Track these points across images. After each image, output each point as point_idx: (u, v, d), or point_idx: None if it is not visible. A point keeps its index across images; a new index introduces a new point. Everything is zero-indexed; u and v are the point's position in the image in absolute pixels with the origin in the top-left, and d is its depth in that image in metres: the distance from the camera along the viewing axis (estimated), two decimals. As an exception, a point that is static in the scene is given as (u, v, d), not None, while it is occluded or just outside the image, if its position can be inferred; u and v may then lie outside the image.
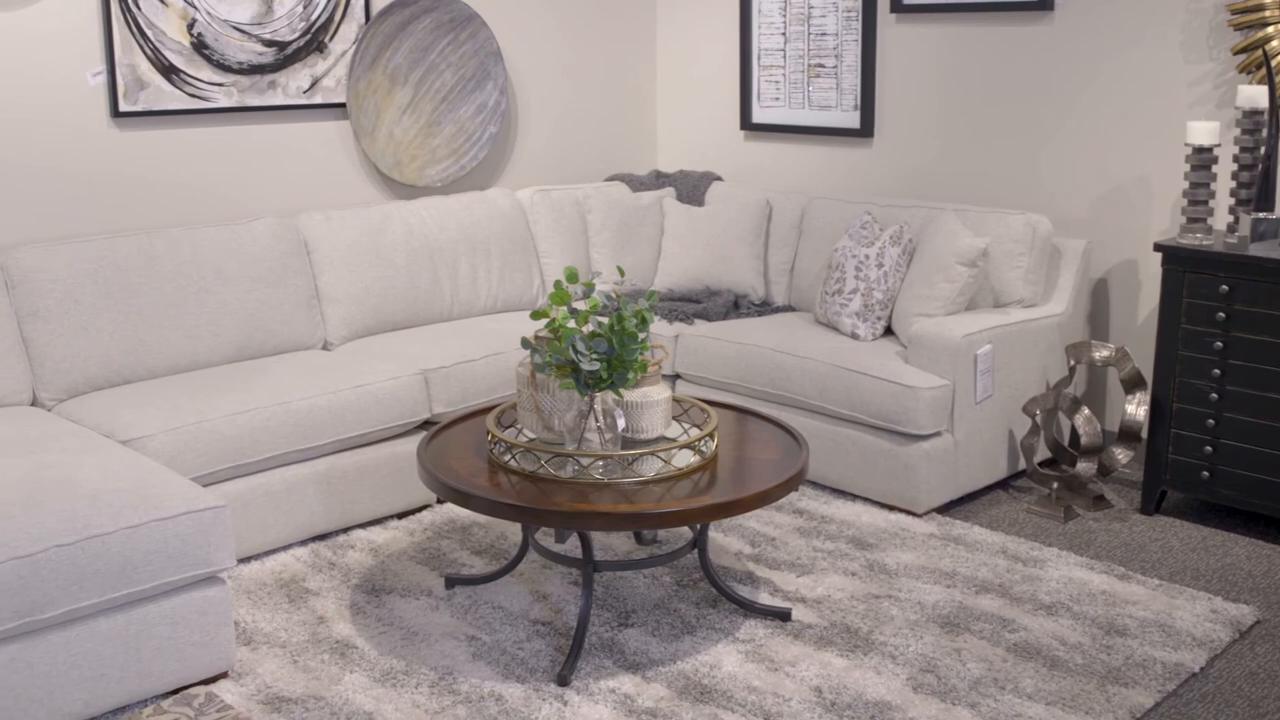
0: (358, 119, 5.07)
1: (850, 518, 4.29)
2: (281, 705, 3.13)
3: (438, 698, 3.15)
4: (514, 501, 3.13)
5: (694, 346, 4.86)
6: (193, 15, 4.59)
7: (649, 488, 3.22)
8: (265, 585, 3.81)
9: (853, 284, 4.62)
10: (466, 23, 5.32)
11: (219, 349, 4.39)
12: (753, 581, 3.80)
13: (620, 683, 3.22)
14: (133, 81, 4.49)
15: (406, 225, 4.95)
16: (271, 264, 4.55)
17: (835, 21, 5.43)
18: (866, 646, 3.39)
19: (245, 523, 3.93)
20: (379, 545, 4.09)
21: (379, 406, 4.18)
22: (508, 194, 5.36)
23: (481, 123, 5.42)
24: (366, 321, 4.77)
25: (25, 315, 4.05)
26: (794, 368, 4.49)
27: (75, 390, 4.10)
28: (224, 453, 3.85)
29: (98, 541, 2.95)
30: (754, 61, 5.78)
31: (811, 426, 4.51)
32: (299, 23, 4.88)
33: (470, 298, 5.08)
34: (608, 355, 3.21)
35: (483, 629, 3.51)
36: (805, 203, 5.29)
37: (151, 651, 3.10)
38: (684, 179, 5.77)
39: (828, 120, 5.54)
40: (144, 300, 4.24)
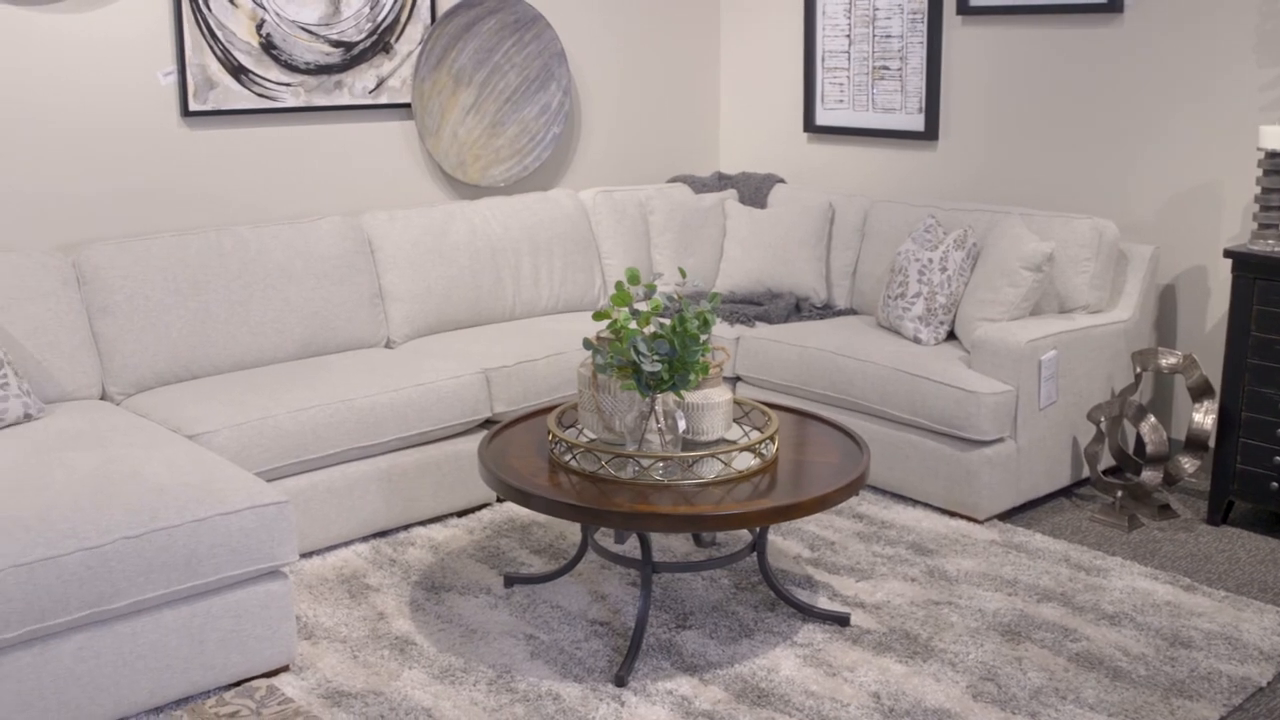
0: (422, 119, 5.11)
1: (911, 523, 4.26)
2: (341, 700, 3.16)
3: (495, 695, 3.17)
4: (574, 501, 3.14)
5: (755, 349, 4.85)
6: (262, 16, 4.65)
7: (709, 490, 3.22)
8: (326, 580, 3.84)
9: (915, 288, 4.59)
10: (531, 24, 5.34)
11: (284, 346, 4.44)
12: (811, 585, 3.78)
13: (677, 684, 3.22)
14: (203, 81, 4.55)
15: (470, 225, 4.98)
16: (336, 262, 4.59)
17: (900, 23, 5.40)
18: (926, 653, 3.37)
19: (308, 518, 3.97)
20: (439, 543, 4.12)
21: (441, 405, 4.21)
22: (570, 195, 5.38)
23: (545, 123, 5.44)
24: (429, 320, 4.80)
25: (96, 311, 4.11)
26: (855, 371, 4.47)
27: (143, 385, 4.16)
28: (287, 449, 3.89)
29: (164, 534, 3.00)
30: (818, 63, 5.75)
31: (872, 431, 4.48)
32: (365, 24, 4.92)
33: (532, 298, 5.10)
34: (669, 357, 3.21)
35: (541, 628, 3.52)
36: (868, 206, 5.27)
37: (215, 643, 3.13)
38: (746, 181, 5.76)
39: (892, 123, 5.51)
40: (211, 297, 4.29)
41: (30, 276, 3.97)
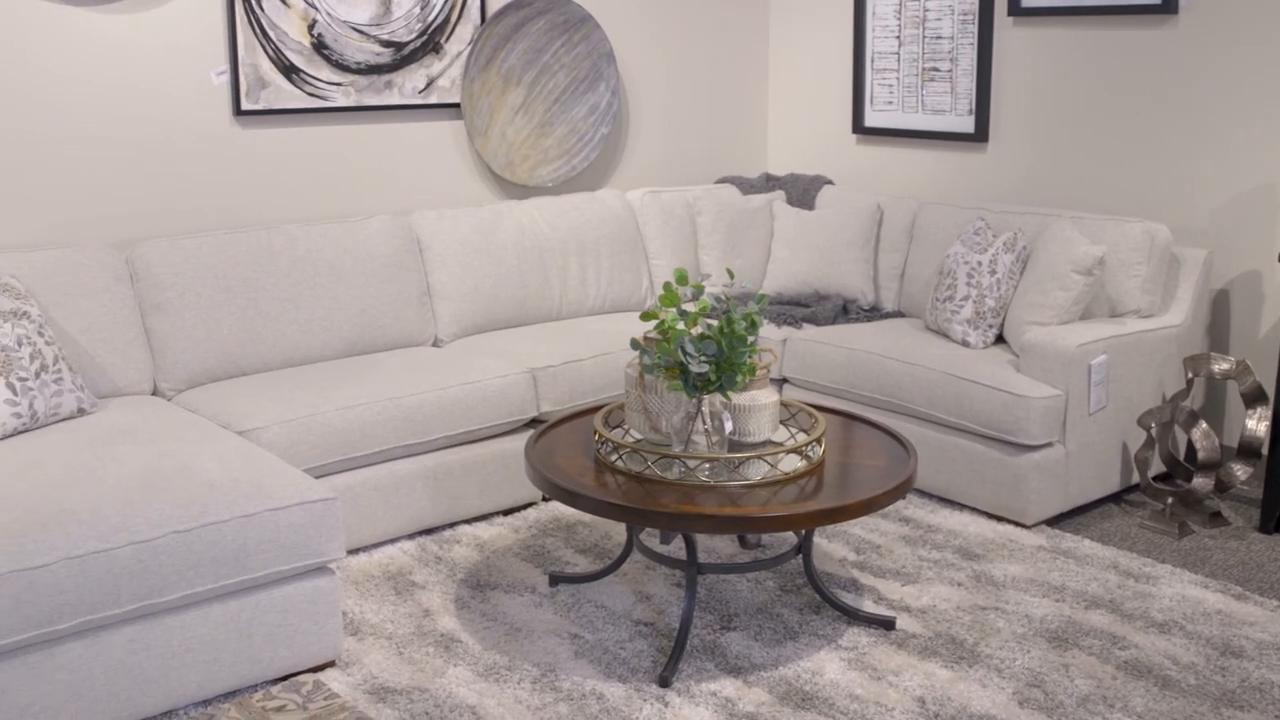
0: (471, 119, 5.13)
1: (957, 527, 4.23)
2: (386, 696, 3.17)
3: (539, 694, 3.18)
4: (620, 501, 3.14)
5: (802, 351, 4.83)
6: (313, 16, 4.68)
7: (755, 491, 3.21)
8: (373, 577, 3.86)
9: (964, 291, 4.56)
10: (580, 24, 5.35)
11: (332, 343, 4.47)
12: (857, 589, 3.77)
13: (721, 686, 3.21)
14: (255, 81, 4.59)
15: (518, 224, 5.00)
16: (385, 261, 4.62)
17: (951, 24, 5.36)
18: (972, 658, 3.34)
19: (355, 515, 3.99)
20: (484, 541, 4.13)
21: (487, 404, 4.22)
22: (618, 195, 5.39)
23: (593, 124, 5.44)
24: (476, 319, 4.82)
25: (148, 308, 4.16)
26: (903, 374, 4.45)
27: (194, 381, 4.20)
28: (335, 445, 3.92)
29: (214, 529, 3.02)
30: (867, 64, 5.73)
31: (919, 434, 4.46)
32: (416, 24, 4.95)
33: (579, 297, 5.11)
34: (716, 358, 3.20)
35: (585, 627, 3.52)
36: (917, 208, 5.24)
37: (262, 638, 3.16)
38: (794, 182, 5.75)
39: (941, 124, 5.48)
40: (261, 294, 4.33)
41: (84, 273, 4.02)
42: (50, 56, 4.18)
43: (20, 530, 2.85)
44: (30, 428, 3.60)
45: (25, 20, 4.12)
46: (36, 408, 3.59)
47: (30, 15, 4.12)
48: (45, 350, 3.66)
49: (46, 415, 3.63)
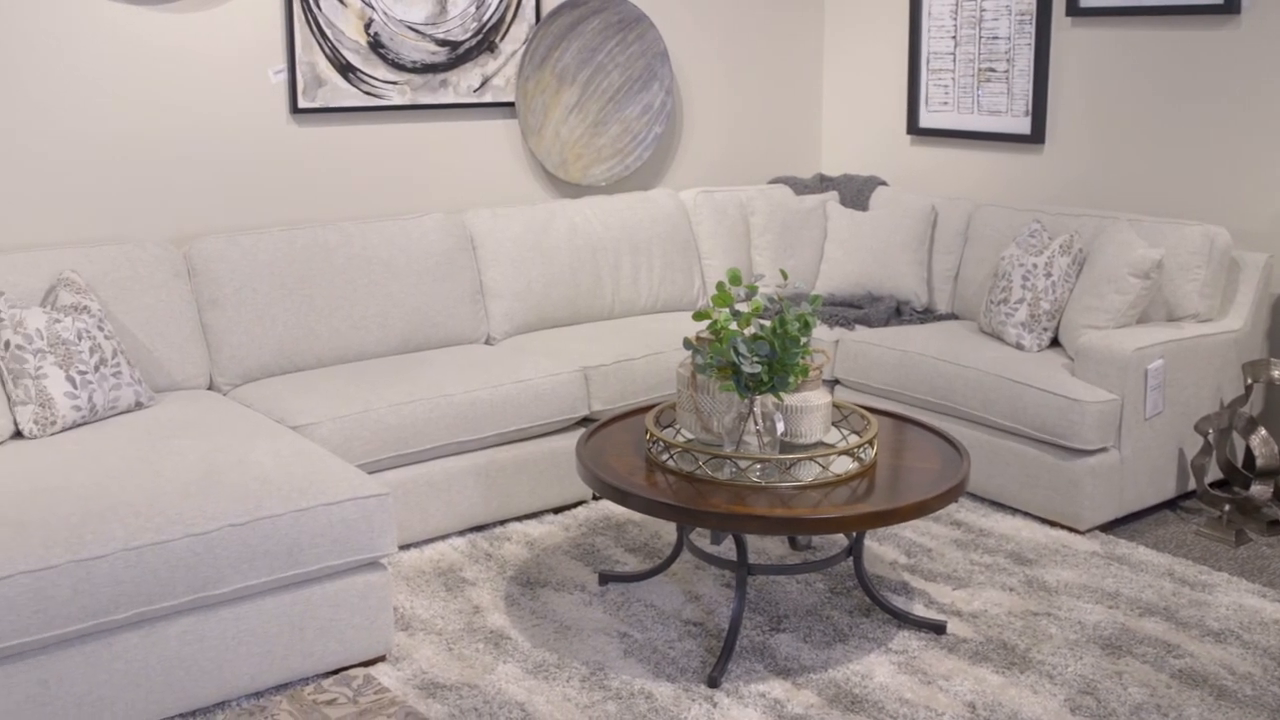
0: (525, 118, 5.15)
1: (1010, 532, 4.20)
2: (436, 691, 3.19)
3: (588, 692, 3.18)
4: (670, 501, 3.14)
5: (854, 352, 4.81)
6: (370, 15, 4.72)
7: (806, 493, 3.20)
8: (424, 573, 3.89)
9: (1019, 293, 4.53)
10: (635, 23, 5.35)
11: (385, 340, 4.50)
12: (907, 592, 3.75)
13: (770, 687, 3.21)
14: (312, 79, 4.63)
15: (570, 223, 5.01)
16: (438, 259, 4.64)
17: (1008, 25, 5.32)
18: (1023, 664, 3.32)
19: (406, 511, 4.02)
20: (535, 539, 4.15)
21: (539, 402, 4.23)
22: (671, 194, 5.39)
23: (647, 123, 5.45)
24: (528, 317, 4.84)
25: (205, 303, 4.20)
26: (956, 377, 4.42)
27: (249, 376, 4.24)
28: (388, 442, 3.94)
29: (268, 523, 3.05)
30: (923, 65, 5.70)
31: (972, 437, 4.43)
32: (471, 23, 4.97)
33: (631, 297, 5.12)
34: (769, 358, 3.20)
35: (634, 626, 3.53)
36: (972, 209, 5.20)
37: (314, 632, 3.19)
38: (848, 183, 5.72)
39: (997, 125, 5.44)
40: (316, 291, 4.37)
41: (143, 268, 4.07)
42: (111, 55, 4.24)
43: (79, 521, 2.89)
44: (89, 420, 3.65)
45: (87, 19, 4.17)
46: (95, 401, 3.64)
47: (92, 14, 4.18)
48: (104, 344, 3.70)
49: (105, 408, 3.68)
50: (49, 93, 4.14)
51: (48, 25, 4.11)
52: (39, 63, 4.11)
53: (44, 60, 4.12)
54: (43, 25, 4.10)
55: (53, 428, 3.54)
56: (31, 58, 4.09)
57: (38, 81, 4.11)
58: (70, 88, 4.18)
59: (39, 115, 4.14)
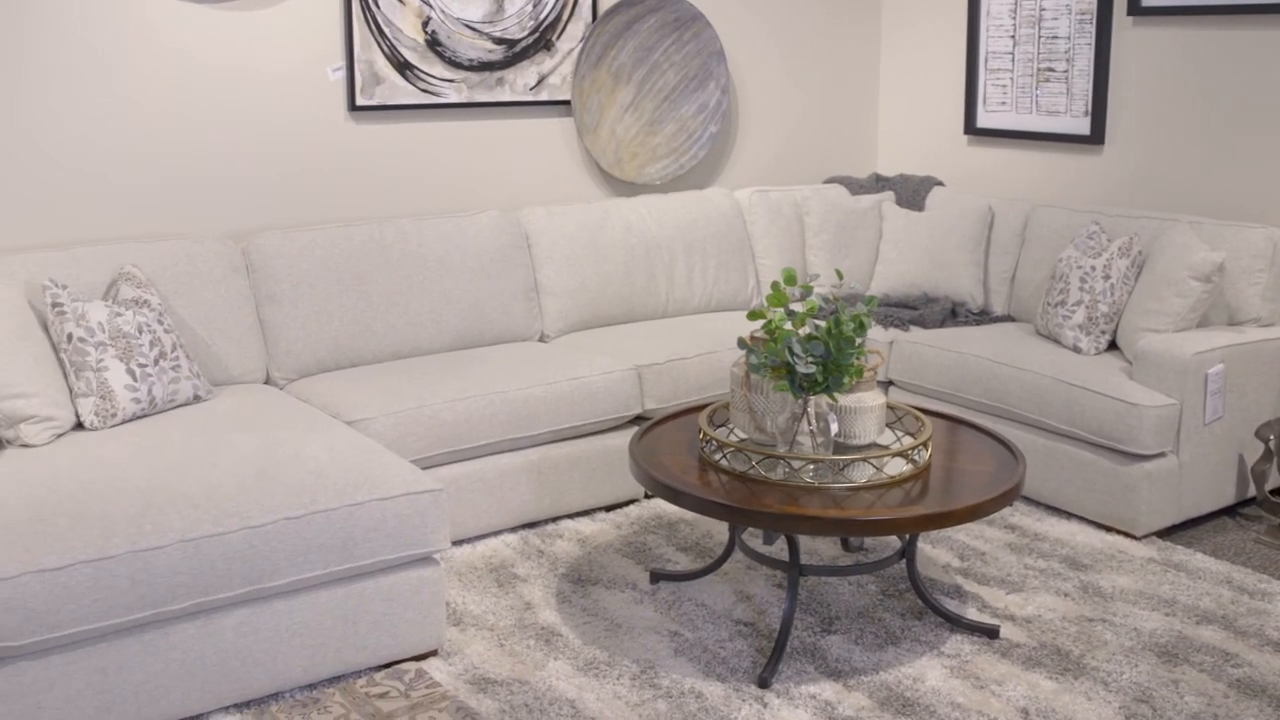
0: (581, 116, 5.16)
1: (1064, 536, 4.16)
2: (487, 686, 3.20)
3: (638, 690, 3.18)
4: (723, 501, 3.14)
5: (909, 353, 4.79)
6: (428, 13, 4.74)
7: (859, 494, 3.19)
8: (476, 569, 3.90)
9: (1077, 295, 4.48)
10: (691, 22, 5.35)
11: (440, 337, 4.52)
12: (960, 595, 3.72)
13: (821, 689, 3.19)
14: (369, 77, 4.66)
15: (625, 222, 5.02)
16: (494, 256, 4.66)
17: (1068, 24, 5.27)
18: (1078, 670, 3.28)
19: (459, 506, 4.04)
20: (586, 536, 4.16)
21: (592, 400, 4.24)
22: (726, 194, 5.38)
23: (702, 122, 5.44)
24: (583, 315, 4.85)
25: (263, 299, 4.24)
26: (1012, 379, 4.38)
27: (305, 371, 4.28)
28: (442, 438, 3.96)
29: (323, 516, 3.08)
30: (981, 64, 5.65)
31: (1027, 440, 4.39)
32: (528, 21, 4.99)
33: (685, 296, 5.12)
34: (824, 359, 3.19)
35: (685, 625, 3.52)
36: (1029, 210, 5.16)
37: (367, 625, 3.21)
38: (904, 183, 5.69)
39: (1056, 126, 5.39)
40: (372, 287, 4.40)
41: (202, 263, 4.12)
42: (171, 52, 4.29)
43: (138, 513, 2.93)
44: (149, 413, 3.70)
45: (147, 17, 4.22)
46: (155, 394, 3.68)
47: (152, 12, 4.23)
48: (164, 338, 3.75)
49: (164, 401, 3.72)
50: (111, 91, 4.20)
51: (110, 24, 4.16)
52: (101, 61, 4.17)
53: (106, 59, 4.17)
54: (105, 24, 4.16)
55: (113, 420, 3.59)
56: (93, 57, 4.15)
57: (100, 80, 4.17)
58: (132, 86, 4.23)
59: (102, 113, 4.19)
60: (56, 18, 4.07)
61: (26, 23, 4.02)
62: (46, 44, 4.07)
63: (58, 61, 4.09)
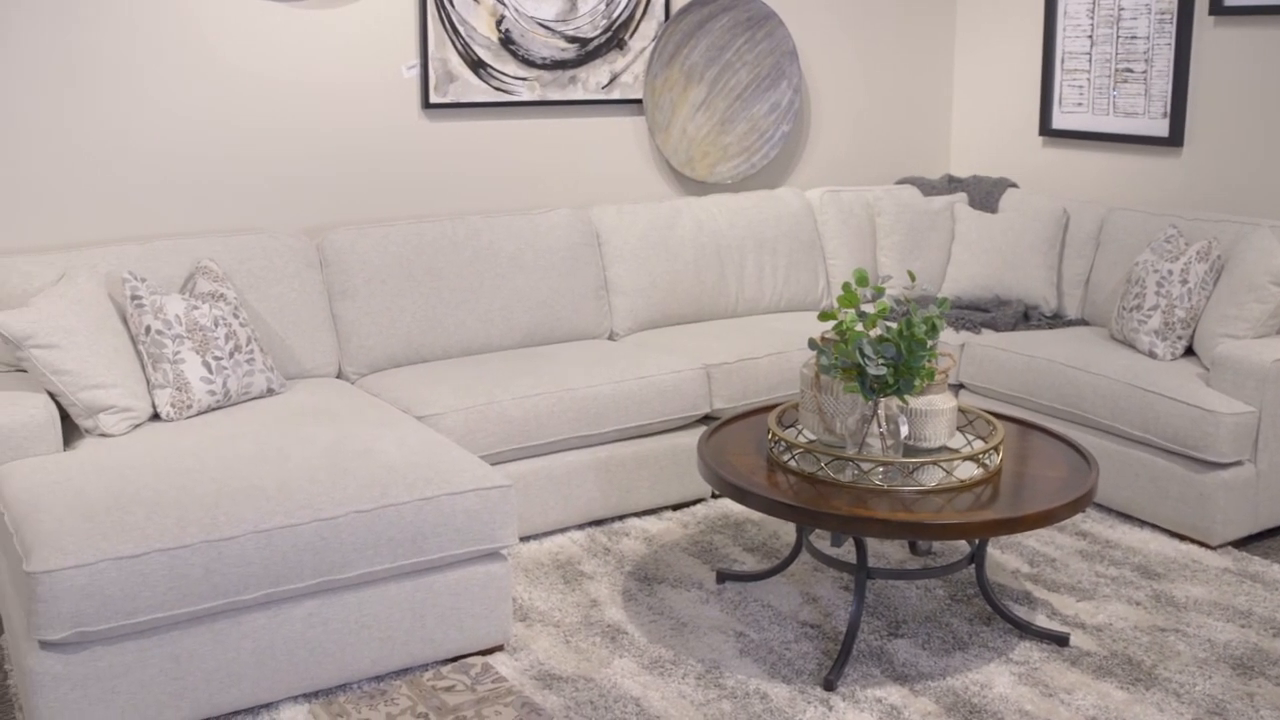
0: (653, 115, 5.16)
1: (1137, 544, 4.10)
2: (552, 683, 3.22)
3: (703, 690, 3.18)
4: (791, 502, 3.13)
5: (980, 356, 4.74)
6: (502, 12, 4.77)
7: (929, 497, 3.16)
8: (543, 565, 3.92)
9: (1153, 300, 4.42)
10: (763, 21, 5.33)
11: (510, 334, 4.54)
12: (1030, 602, 3.68)
13: (887, 693, 3.17)
14: (443, 75, 4.70)
15: (696, 221, 5.01)
16: (564, 254, 4.68)
17: (1147, 24, 5.19)
18: (1149, 681, 3.24)
19: (527, 503, 4.06)
20: (653, 535, 4.16)
21: (661, 399, 4.24)
22: (797, 193, 5.36)
23: (774, 121, 5.43)
24: (652, 314, 4.85)
25: (336, 293, 4.29)
26: (1085, 384, 4.33)
27: (376, 366, 4.32)
28: (511, 434, 3.98)
29: (393, 510, 3.10)
30: (1057, 65, 5.58)
31: (1100, 446, 4.33)
32: (601, 20, 5.00)
33: (755, 295, 5.10)
34: (895, 361, 3.16)
35: (751, 626, 3.52)
36: (1104, 213, 5.09)
37: (434, 619, 3.23)
38: (977, 184, 5.64)
39: (1133, 127, 5.31)
40: (444, 284, 4.43)
41: (278, 258, 4.17)
42: (250, 51, 4.34)
43: (213, 503, 2.97)
44: (223, 405, 3.75)
45: (225, 15, 4.28)
46: (229, 386, 3.73)
47: (229, 10, 4.29)
48: (239, 331, 3.80)
49: (238, 394, 3.77)
50: (190, 88, 4.26)
51: (188, 22, 4.23)
52: (180, 59, 4.23)
53: (184, 56, 4.24)
54: (183, 22, 4.22)
55: (188, 411, 3.65)
56: (172, 54, 4.22)
57: (178, 77, 4.24)
58: (210, 83, 4.29)
59: (181, 110, 4.26)
60: (139, 18, 4.14)
61: (113, 23, 4.09)
62: (132, 43, 4.14)
63: (142, 61, 4.16)
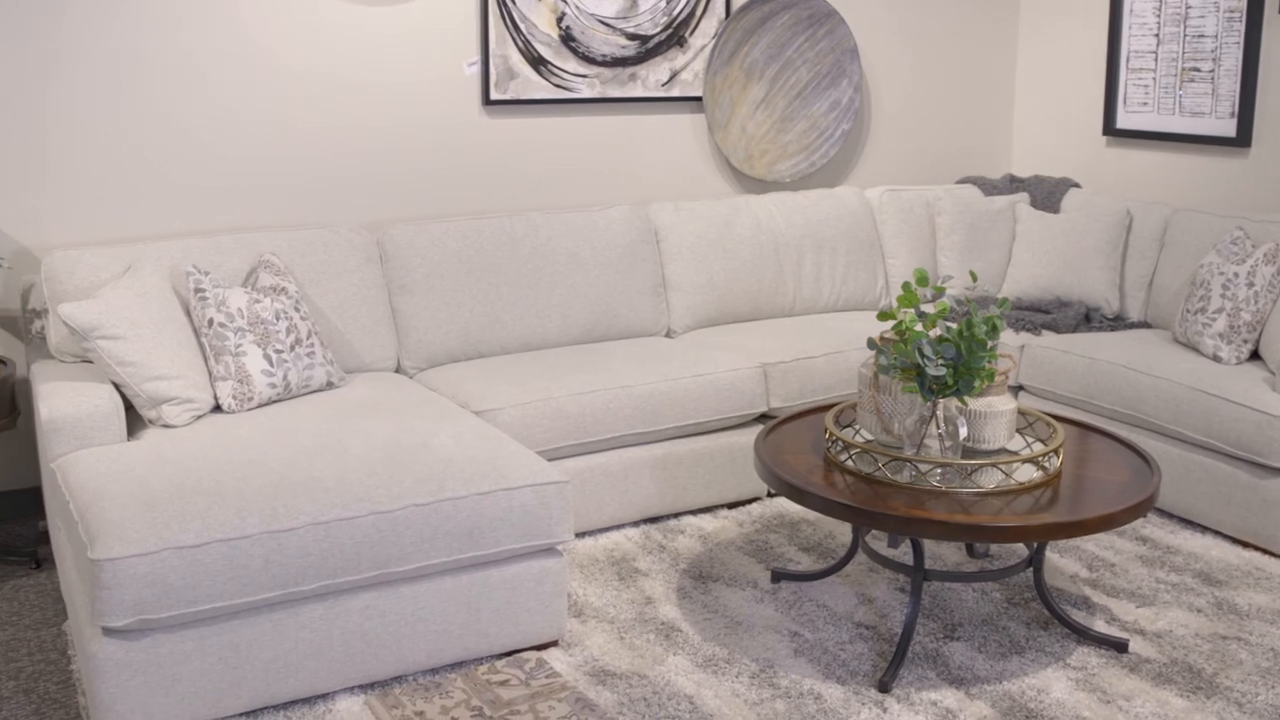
0: (712, 112, 5.15)
1: (1199, 550, 4.04)
2: (606, 679, 3.22)
3: (757, 689, 3.17)
4: (848, 502, 3.11)
5: (1040, 358, 4.70)
6: (562, 9, 4.78)
7: (987, 500, 3.13)
8: (597, 561, 3.93)
9: (1218, 303, 4.36)
10: (824, 19, 5.31)
11: (567, 330, 4.55)
12: (1088, 607, 3.64)
13: (942, 696, 3.15)
14: (504, 72, 4.71)
15: (754, 219, 5.00)
16: (622, 251, 4.68)
17: (1215, 22, 5.12)
18: (1210, 689, 3.19)
19: (583, 499, 4.07)
20: (708, 533, 4.15)
21: (717, 397, 4.24)
22: (856, 192, 5.33)
23: (834, 120, 5.40)
24: (709, 312, 4.84)
25: (395, 288, 4.32)
26: (1147, 387, 4.28)
27: (434, 360, 4.35)
28: (567, 430, 3.99)
29: (450, 504, 3.12)
30: (1122, 64, 5.52)
31: (1161, 450, 4.28)
32: (661, 17, 5.00)
33: (813, 294, 5.08)
34: (954, 361, 3.14)
35: (806, 626, 3.50)
36: (1169, 214, 5.02)
37: (490, 613, 3.25)
38: (1039, 184, 5.58)
39: (1200, 127, 5.24)
40: (502, 280, 4.45)
41: (338, 252, 4.20)
42: (313, 48, 4.38)
43: (272, 494, 3.00)
44: (284, 398, 3.78)
45: (288, 14, 4.32)
46: (290, 379, 3.77)
47: (293, 9, 4.32)
48: (300, 325, 3.84)
49: (299, 386, 3.81)
50: (253, 84, 4.31)
51: (253, 20, 4.27)
52: (245, 56, 4.28)
53: (249, 53, 4.28)
54: (247, 20, 4.26)
55: (249, 403, 3.69)
56: (237, 51, 4.26)
57: (243, 74, 4.28)
58: (274, 79, 4.33)
59: (248, 107, 4.30)
60: (207, 17, 4.18)
61: (178, 25, 4.14)
62: (201, 44, 4.18)
63: (206, 61, 4.21)
